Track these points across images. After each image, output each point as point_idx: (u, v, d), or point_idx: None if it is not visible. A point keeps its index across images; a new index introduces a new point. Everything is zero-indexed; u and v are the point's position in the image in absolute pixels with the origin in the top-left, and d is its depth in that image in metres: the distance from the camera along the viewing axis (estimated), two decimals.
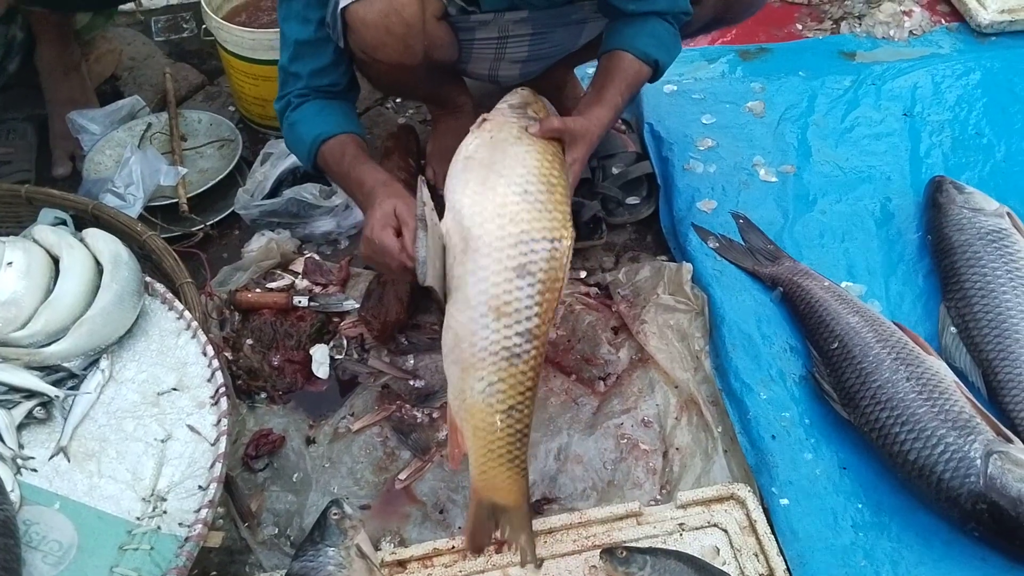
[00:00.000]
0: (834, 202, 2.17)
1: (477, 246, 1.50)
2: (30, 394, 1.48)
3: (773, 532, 1.60)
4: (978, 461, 1.55)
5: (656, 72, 1.88)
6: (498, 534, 1.53)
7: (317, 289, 2.05)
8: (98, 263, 1.61)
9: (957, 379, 1.71)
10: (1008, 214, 1.98)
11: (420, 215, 1.63)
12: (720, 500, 1.65)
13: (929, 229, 2.06)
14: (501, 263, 1.49)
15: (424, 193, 1.61)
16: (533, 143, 1.62)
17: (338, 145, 1.83)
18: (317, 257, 2.12)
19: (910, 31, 2.68)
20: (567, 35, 1.99)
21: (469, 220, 1.53)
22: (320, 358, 1.92)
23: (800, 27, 2.76)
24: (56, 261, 1.60)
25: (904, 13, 2.72)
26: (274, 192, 2.16)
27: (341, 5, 1.69)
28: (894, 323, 1.82)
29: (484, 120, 1.67)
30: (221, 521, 1.57)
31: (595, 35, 2.00)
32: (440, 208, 1.62)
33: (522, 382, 1.48)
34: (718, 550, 1.58)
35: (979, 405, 1.65)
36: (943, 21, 2.73)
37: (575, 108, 1.85)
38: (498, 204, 1.53)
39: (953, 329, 1.85)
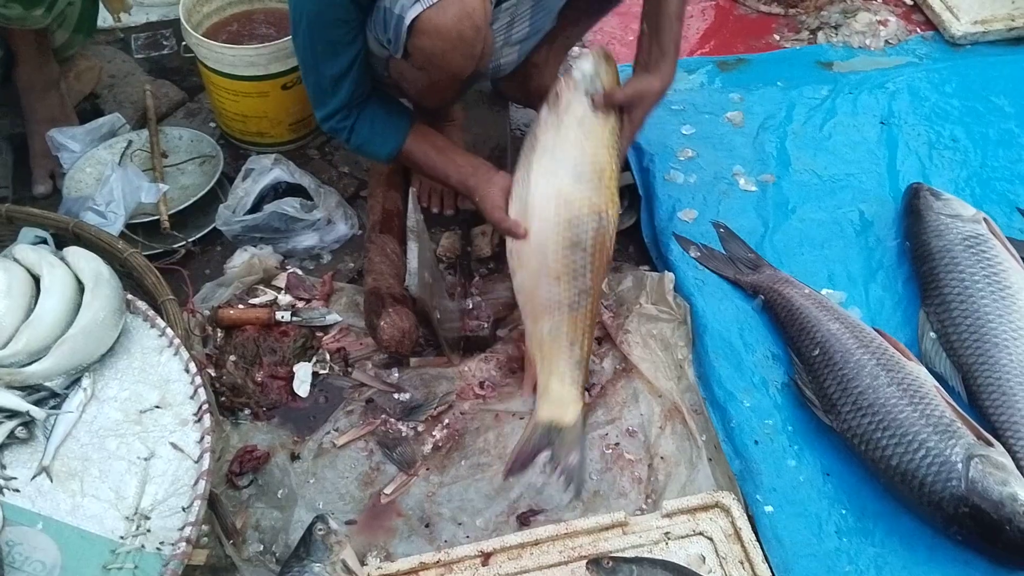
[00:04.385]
0: (813, 210, 2.19)
1: (538, 227, 1.76)
2: (11, 414, 1.47)
3: (758, 539, 1.61)
4: (959, 465, 1.56)
5: None
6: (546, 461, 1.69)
7: (300, 304, 2.05)
8: (79, 281, 1.60)
9: (937, 384, 1.72)
10: (985, 220, 2.00)
11: (411, 227, 1.65)
12: (705, 508, 1.65)
13: (907, 235, 2.08)
14: (557, 242, 1.75)
15: (414, 204, 1.62)
16: (593, 126, 1.82)
17: (411, 146, 1.94)
18: (300, 272, 2.12)
19: (886, 40, 2.71)
20: None
21: (532, 204, 1.78)
22: (303, 376, 1.91)
23: (778, 38, 2.78)
24: (37, 280, 1.60)
25: (880, 23, 2.75)
26: (256, 207, 2.15)
27: (411, 15, 1.68)
28: (874, 329, 1.84)
29: (557, 96, 1.84)
30: (206, 539, 1.56)
31: None
32: (429, 218, 1.67)
33: (581, 324, 1.76)
34: (704, 558, 1.59)
35: (959, 409, 1.66)
36: (918, 30, 2.76)
37: (636, 57, 1.93)
38: (555, 190, 1.77)
39: (933, 334, 1.87)
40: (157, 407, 1.53)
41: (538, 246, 1.77)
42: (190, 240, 2.15)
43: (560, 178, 1.78)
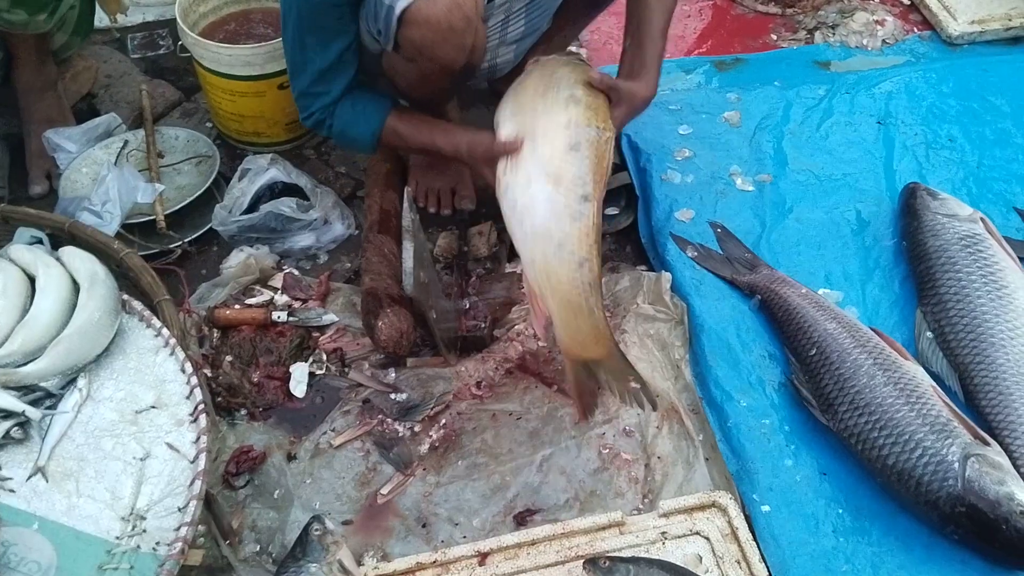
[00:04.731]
0: (810, 210, 2.19)
1: (534, 135, 1.69)
2: (7, 414, 1.47)
3: (755, 539, 1.61)
4: (956, 464, 1.56)
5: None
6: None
7: (297, 304, 2.05)
8: (75, 282, 1.60)
9: (934, 383, 1.72)
10: (982, 219, 2.00)
11: (406, 227, 1.65)
12: (702, 508, 1.65)
13: (904, 235, 2.08)
14: (556, 145, 1.68)
15: (409, 204, 1.63)
16: (582, 72, 1.79)
17: (394, 123, 1.91)
18: (296, 272, 2.12)
19: (883, 40, 2.71)
20: None
21: (526, 119, 1.72)
22: (299, 376, 1.91)
23: (775, 37, 2.78)
24: (32, 280, 1.59)
25: (877, 22, 2.75)
26: (252, 208, 2.15)
27: (401, 5, 1.68)
28: (871, 329, 1.84)
29: (537, 60, 1.84)
30: (202, 539, 1.56)
31: None
32: (426, 218, 1.66)
33: (586, 239, 1.63)
34: (700, 558, 1.59)
35: (956, 409, 1.66)
36: (915, 30, 2.76)
37: (619, 71, 1.92)
38: (550, 106, 1.73)
39: (929, 334, 1.87)
40: (153, 407, 1.53)
41: (534, 152, 1.69)
42: (186, 240, 2.15)
43: (552, 99, 1.74)
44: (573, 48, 2.33)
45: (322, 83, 1.88)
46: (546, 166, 1.66)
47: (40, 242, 1.83)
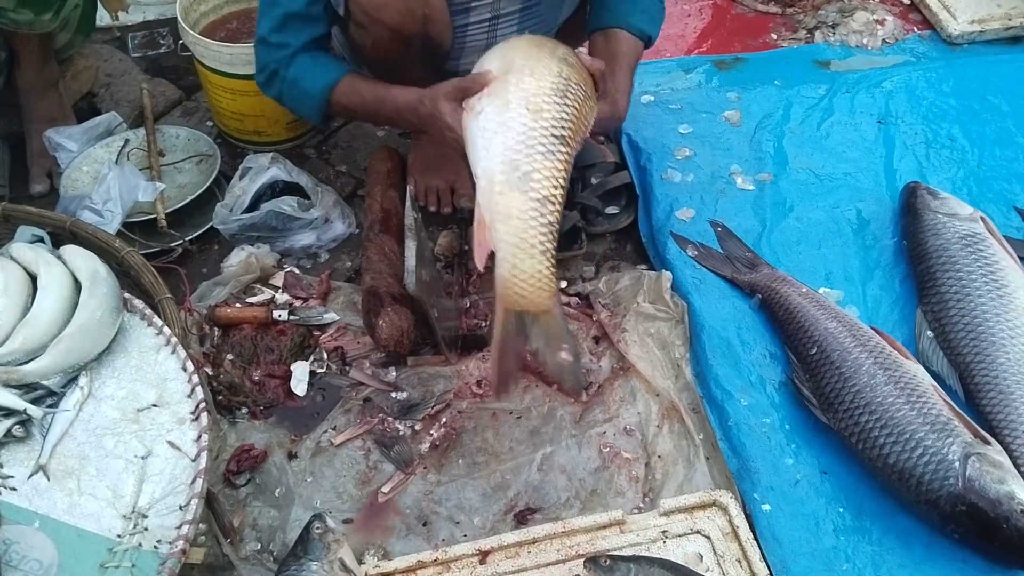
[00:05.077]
0: (811, 209, 2.19)
1: (522, 71, 1.61)
2: (8, 412, 1.47)
3: (756, 538, 1.61)
4: (956, 463, 1.56)
5: (646, 46, 1.92)
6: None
7: (297, 303, 2.05)
8: (76, 280, 1.60)
9: (935, 382, 1.72)
10: (982, 219, 2.00)
11: (408, 225, 1.64)
12: (703, 507, 1.65)
13: (905, 234, 2.08)
14: (543, 84, 1.60)
15: (411, 203, 1.62)
16: (576, 54, 1.73)
17: (352, 81, 1.86)
18: (297, 271, 2.12)
19: (883, 39, 2.71)
20: (551, 7, 2.00)
21: (519, 58, 1.64)
22: (300, 375, 1.91)
23: (775, 37, 2.79)
24: (34, 279, 1.60)
25: (877, 22, 2.75)
26: (253, 206, 2.15)
27: None
28: (872, 328, 1.84)
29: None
30: (203, 537, 1.55)
31: (572, 10, 2.02)
32: (426, 217, 1.64)
33: (555, 176, 1.55)
34: (701, 557, 1.59)
35: (956, 408, 1.66)
36: (916, 29, 2.76)
37: None
38: (545, 55, 1.65)
39: (930, 333, 1.87)
40: (154, 406, 1.53)
41: (519, 83, 1.60)
42: (187, 239, 2.15)
43: (548, 53, 1.67)
44: None
45: (284, 31, 1.84)
46: (529, 98, 1.59)
47: (41, 241, 1.83)
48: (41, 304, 1.55)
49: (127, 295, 1.67)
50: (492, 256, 1.54)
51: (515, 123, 1.56)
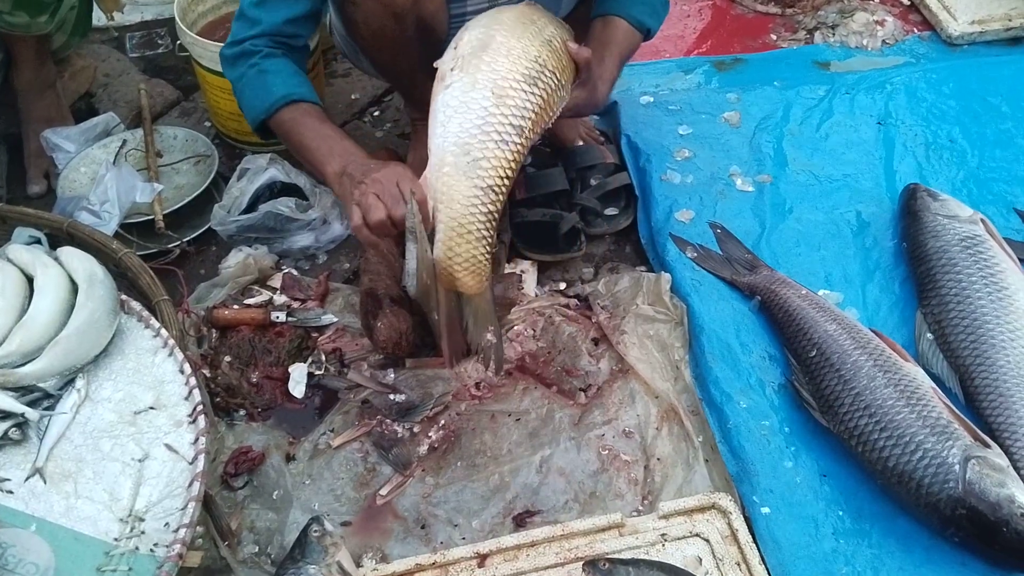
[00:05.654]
0: (810, 211, 2.18)
1: (499, 49, 1.62)
2: (5, 415, 1.46)
3: (755, 541, 1.61)
4: (956, 467, 1.56)
5: (646, 38, 1.90)
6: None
7: (295, 304, 2.04)
8: (73, 282, 1.60)
9: (934, 385, 1.72)
10: (982, 221, 2.00)
11: (409, 228, 1.63)
12: (702, 510, 1.65)
13: (904, 236, 2.08)
14: (516, 68, 1.62)
15: (413, 205, 1.62)
16: (567, 33, 1.74)
17: (316, 110, 1.82)
18: (295, 272, 2.11)
19: (883, 40, 2.71)
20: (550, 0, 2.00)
21: (501, 32, 1.64)
22: (298, 377, 1.91)
23: (774, 37, 2.78)
24: (30, 280, 1.59)
25: (877, 23, 2.75)
26: (251, 207, 2.14)
27: None
28: (871, 330, 1.83)
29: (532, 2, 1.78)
30: (200, 540, 1.55)
31: (572, 7, 2.02)
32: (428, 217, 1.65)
33: (504, 167, 1.60)
34: (700, 560, 1.58)
35: (956, 411, 1.66)
36: (915, 30, 2.76)
37: None
38: (527, 36, 1.65)
39: (930, 335, 1.87)
40: (151, 408, 1.52)
41: (492, 63, 1.61)
42: (185, 240, 2.14)
43: (532, 31, 1.67)
44: None
45: (266, 6, 1.80)
46: (496, 81, 1.60)
47: (38, 242, 1.82)
48: (38, 306, 1.54)
49: (124, 297, 1.66)
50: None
51: (476, 105, 1.59)
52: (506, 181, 1.61)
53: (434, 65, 1.68)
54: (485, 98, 1.60)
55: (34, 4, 2.08)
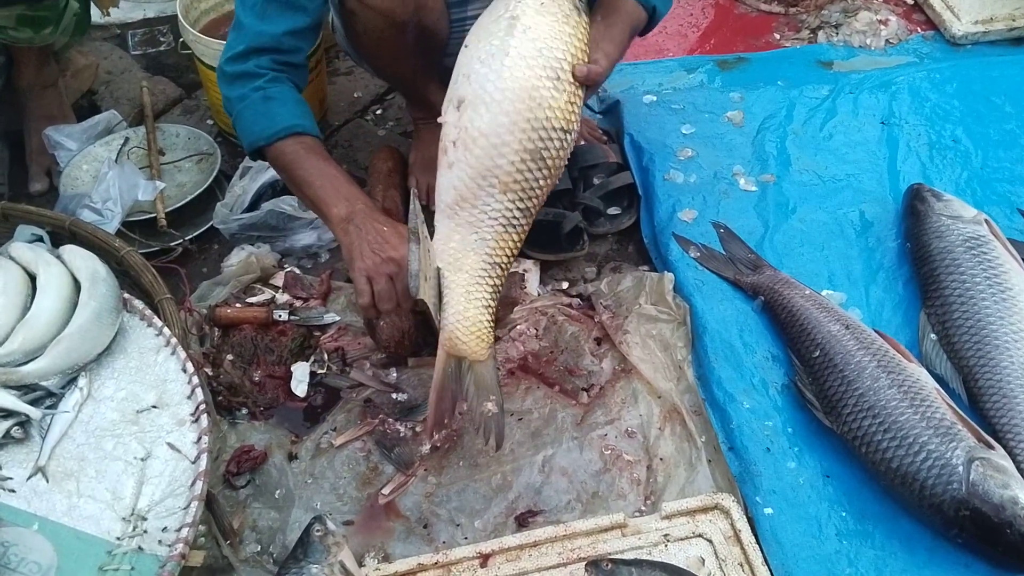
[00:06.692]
0: (814, 211, 2.18)
1: (500, 120, 1.55)
2: (7, 414, 1.47)
3: (758, 541, 1.60)
4: (960, 468, 1.55)
5: (650, 22, 1.84)
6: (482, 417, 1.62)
7: (298, 303, 2.04)
8: (75, 280, 1.60)
9: (938, 386, 1.72)
10: (986, 221, 1.99)
11: (412, 227, 1.63)
12: (705, 510, 1.65)
13: (908, 237, 2.07)
14: (520, 144, 1.57)
15: (416, 205, 1.62)
16: (579, 22, 1.66)
17: (319, 146, 1.80)
18: (297, 271, 2.11)
19: (887, 40, 2.70)
20: None
21: (495, 90, 1.56)
22: (300, 376, 1.90)
23: (778, 36, 2.78)
24: (33, 278, 1.59)
25: (880, 22, 2.74)
26: (253, 206, 2.14)
27: None
28: (875, 331, 1.83)
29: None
30: (203, 539, 1.55)
31: None
32: (429, 215, 1.65)
33: (510, 246, 1.64)
34: (703, 560, 1.58)
35: (960, 412, 1.65)
36: (919, 30, 2.75)
37: None
38: (531, 84, 1.57)
39: (933, 336, 1.86)
40: (154, 407, 1.52)
41: (496, 140, 1.56)
42: (187, 238, 2.14)
43: (537, 71, 1.57)
44: None
45: (263, 18, 1.74)
46: (501, 170, 1.58)
47: (41, 240, 1.82)
48: (40, 304, 1.54)
49: (127, 295, 1.67)
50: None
51: (484, 194, 1.60)
52: (511, 257, 1.65)
53: (438, 120, 1.65)
54: (491, 187, 1.59)
55: (38, 20, 2.09)
